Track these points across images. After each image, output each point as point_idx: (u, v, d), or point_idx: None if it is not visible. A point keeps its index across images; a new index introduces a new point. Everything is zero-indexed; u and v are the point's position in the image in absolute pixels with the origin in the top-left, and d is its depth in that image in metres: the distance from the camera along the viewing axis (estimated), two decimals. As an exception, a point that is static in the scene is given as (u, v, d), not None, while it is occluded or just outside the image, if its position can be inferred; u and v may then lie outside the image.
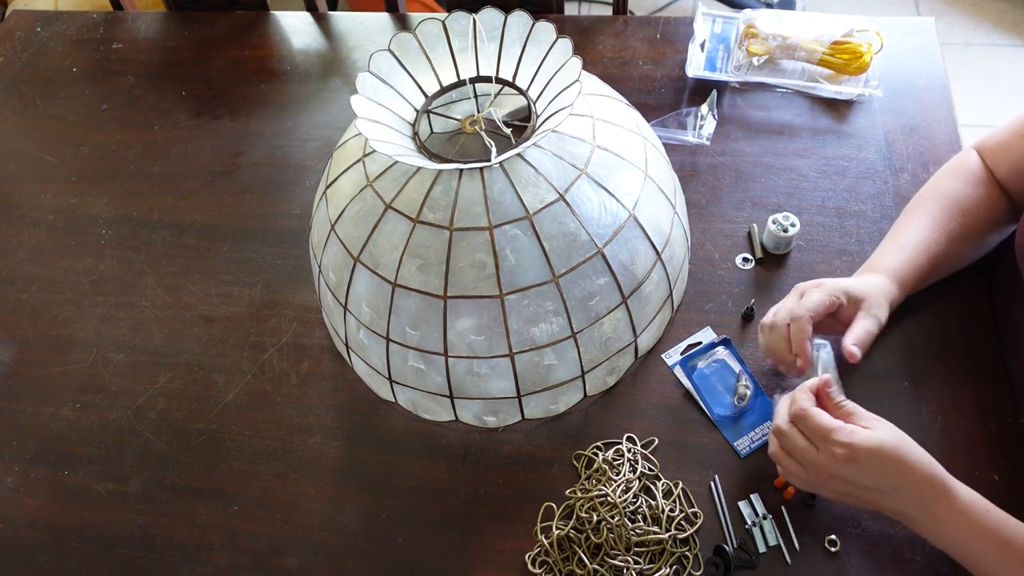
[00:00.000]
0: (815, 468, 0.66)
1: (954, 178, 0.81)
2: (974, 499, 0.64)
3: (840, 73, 1.03)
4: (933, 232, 0.78)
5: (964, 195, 0.79)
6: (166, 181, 1.06)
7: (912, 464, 0.64)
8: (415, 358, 0.74)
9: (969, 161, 0.82)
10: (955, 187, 0.80)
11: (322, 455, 0.81)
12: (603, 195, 0.71)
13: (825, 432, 0.65)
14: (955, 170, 0.82)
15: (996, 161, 0.80)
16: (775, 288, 0.87)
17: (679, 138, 1.00)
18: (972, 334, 0.82)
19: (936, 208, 0.79)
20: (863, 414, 0.67)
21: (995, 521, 0.63)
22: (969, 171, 0.81)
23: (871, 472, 0.64)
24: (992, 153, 0.81)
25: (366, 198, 0.72)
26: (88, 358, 0.91)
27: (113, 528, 0.79)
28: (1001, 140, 0.80)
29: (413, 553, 0.75)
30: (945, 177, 0.82)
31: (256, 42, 1.23)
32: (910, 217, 0.81)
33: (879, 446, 0.63)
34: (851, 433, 0.64)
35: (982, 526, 0.63)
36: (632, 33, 1.16)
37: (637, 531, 0.72)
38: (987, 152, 0.81)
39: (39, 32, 1.29)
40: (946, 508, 0.63)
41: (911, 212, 0.81)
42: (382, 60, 0.74)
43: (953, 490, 0.64)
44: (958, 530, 0.63)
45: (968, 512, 0.63)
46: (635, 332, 0.78)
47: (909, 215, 0.81)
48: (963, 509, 0.63)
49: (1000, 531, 0.62)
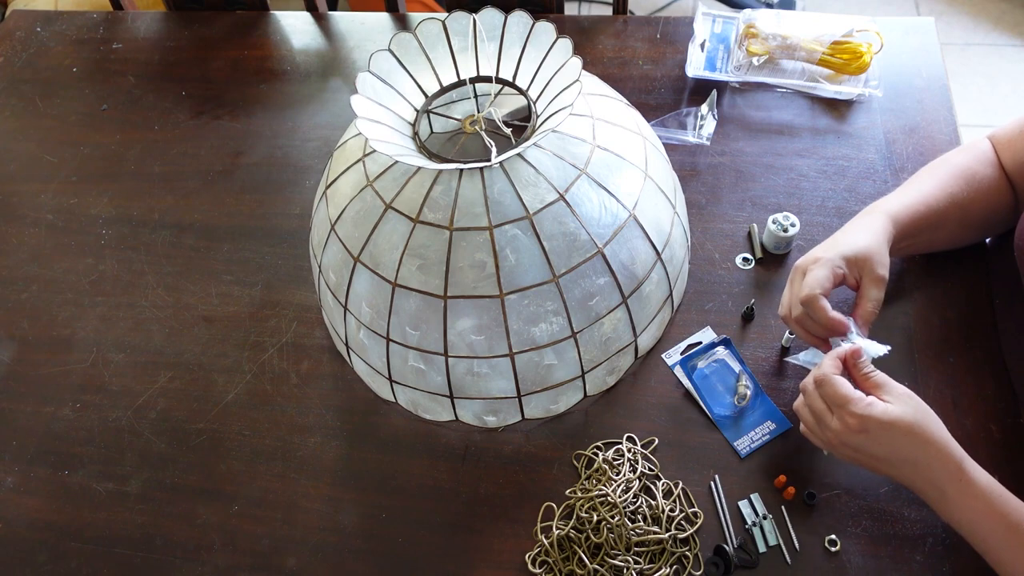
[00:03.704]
0: (829, 432, 0.67)
1: (966, 154, 0.82)
2: (988, 482, 0.64)
3: (840, 73, 1.03)
4: (935, 190, 0.79)
5: (970, 168, 0.80)
6: (166, 181, 1.06)
7: (927, 441, 0.64)
8: (415, 358, 0.74)
9: (983, 144, 0.83)
10: (963, 160, 0.81)
11: (322, 455, 0.81)
12: (603, 195, 0.71)
13: (842, 401, 0.66)
14: (968, 148, 0.83)
15: (1003, 153, 0.81)
16: (775, 288, 0.87)
17: (679, 138, 1.00)
18: (972, 334, 0.82)
19: (941, 171, 0.81)
20: (891, 387, 0.67)
21: (1005, 505, 0.63)
22: (981, 151, 0.82)
23: (882, 444, 0.65)
24: (1001, 144, 0.82)
25: (366, 198, 0.72)
26: (88, 358, 0.91)
27: (113, 528, 0.79)
28: (1009, 133, 0.82)
29: (413, 553, 0.75)
30: (957, 152, 0.84)
31: (256, 42, 1.23)
32: (916, 177, 0.82)
33: (894, 421, 0.64)
34: (868, 406, 0.65)
35: (992, 509, 0.63)
36: (632, 33, 1.16)
37: (637, 531, 0.72)
38: (997, 142, 0.83)
39: (39, 32, 1.29)
40: (957, 489, 0.64)
41: (918, 174, 0.83)
42: (382, 60, 0.74)
43: (968, 472, 0.64)
44: (968, 511, 0.64)
45: (980, 495, 0.63)
46: (635, 332, 0.78)
47: (916, 176, 0.83)
48: (976, 492, 0.63)
49: (1010, 515, 0.62)
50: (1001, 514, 0.62)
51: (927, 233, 0.79)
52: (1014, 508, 0.63)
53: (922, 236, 0.79)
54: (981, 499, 0.63)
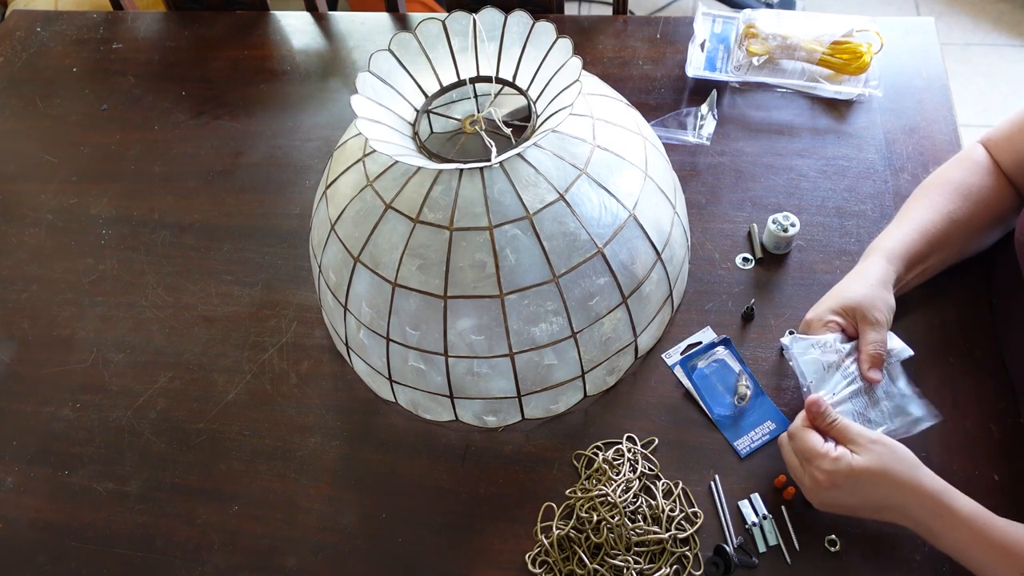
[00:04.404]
0: (803, 486, 0.69)
1: (958, 168, 0.82)
2: (970, 511, 0.63)
3: (840, 73, 1.03)
4: (932, 213, 0.79)
5: (966, 182, 0.80)
6: (166, 181, 1.06)
7: (899, 485, 0.64)
8: (415, 358, 0.74)
9: (975, 153, 0.83)
10: (957, 175, 0.81)
11: (322, 455, 0.81)
12: (603, 195, 0.71)
13: (810, 455, 0.67)
14: (959, 161, 0.83)
15: (1001, 153, 0.81)
16: (775, 288, 0.87)
17: (679, 138, 1.00)
18: (972, 334, 0.82)
19: (936, 193, 0.81)
20: (854, 435, 0.66)
21: (990, 531, 0.62)
22: (974, 161, 0.82)
23: (855, 495, 0.65)
24: (997, 145, 0.82)
25: (366, 198, 0.72)
26: (88, 358, 0.91)
27: (113, 528, 0.79)
28: (1005, 131, 0.82)
29: (413, 553, 0.75)
30: (949, 167, 0.83)
31: (256, 42, 1.23)
32: (911, 202, 0.82)
33: (860, 473, 0.64)
34: (834, 461, 0.65)
35: (980, 537, 0.62)
36: (632, 33, 1.16)
37: (637, 531, 0.72)
38: (992, 145, 0.83)
39: (39, 32, 1.29)
40: (940, 524, 0.64)
41: (913, 199, 0.83)
42: (382, 60, 0.74)
43: (947, 505, 0.64)
44: (956, 542, 0.64)
45: (963, 526, 0.63)
46: (635, 332, 0.78)
47: (910, 201, 0.83)
48: (958, 523, 0.63)
49: (997, 540, 0.62)
50: (987, 540, 0.62)
51: (935, 256, 0.79)
52: (999, 533, 0.62)
53: (930, 261, 0.79)
54: (964, 529, 0.63)
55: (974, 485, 0.72)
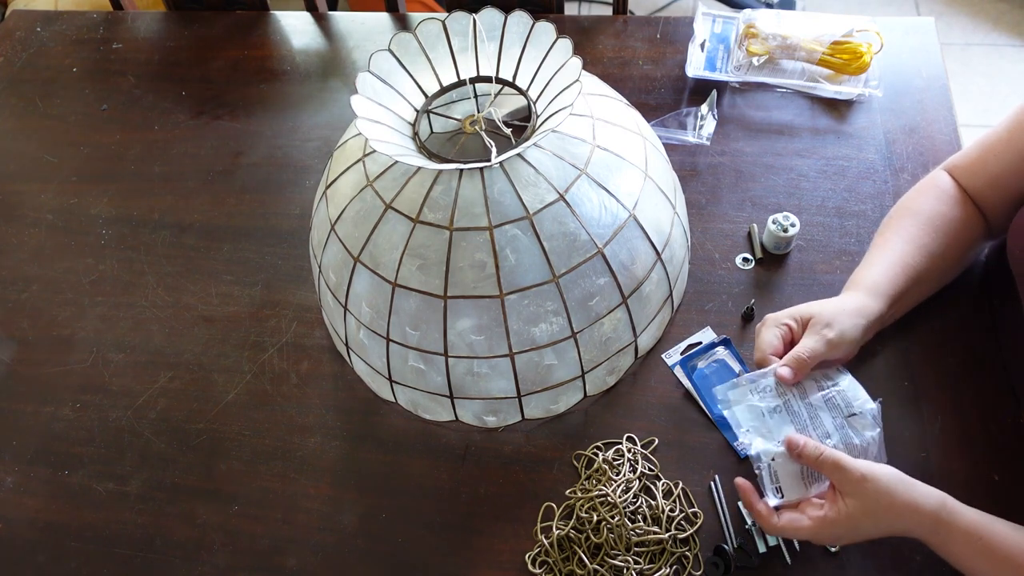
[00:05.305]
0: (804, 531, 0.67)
1: (925, 196, 0.80)
2: (969, 523, 0.63)
3: (840, 73, 1.03)
4: (907, 245, 0.77)
5: (937, 212, 0.78)
6: (166, 181, 1.06)
7: (895, 512, 0.64)
8: (415, 358, 0.74)
9: (941, 181, 0.81)
10: (926, 205, 0.79)
11: (322, 455, 0.81)
12: (603, 195, 0.71)
13: (800, 534, 0.67)
14: (925, 189, 0.81)
15: (971, 179, 0.79)
16: (775, 288, 0.87)
17: (679, 138, 1.00)
18: (972, 334, 0.82)
19: (907, 224, 0.78)
20: (847, 465, 0.65)
21: (991, 540, 0.62)
22: (941, 190, 0.80)
23: (855, 532, 0.65)
24: (966, 170, 0.80)
25: (366, 198, 0.72)
26: (88, 358, 0.91)
27: (113, 528, 0.79)
28: (974, 157, 0.79)
29: (413, 553, 0.75)
30: (914, 196, 0.81)
31: (256, 42, 1.23)
32: (882, 236, 0.80)
33: (851, 515, 0.64)
34: (824, 521, 0.65)
35: (979, 549, 0.62)
36: (632, 33, 1.16)
37: (637, 531, 0.72)
38: (960, 171, 0.80)
39: (39, 32, 1.29)
40: (939, 539, 0.64)
41: (883, 232, 0.80)
42: (382, 60, 0.74)
43: (945, 521, 0.63)
44: (955, 556, 0.63)
45: (962, 539, 0.63)
46: (635, 332, 0.78)
47: (882, 234, 0.80)
48: (957, 537, 0.63)
49: (997, 551, 0.62)
50: (987, 552, 0.62)
51: (913, 290, 0.77)
52: (999, 542, 0.62)
53: (910, 295, 0.77)
54: (962, 543, 0.63)
55: (974, 485, 0.72)
